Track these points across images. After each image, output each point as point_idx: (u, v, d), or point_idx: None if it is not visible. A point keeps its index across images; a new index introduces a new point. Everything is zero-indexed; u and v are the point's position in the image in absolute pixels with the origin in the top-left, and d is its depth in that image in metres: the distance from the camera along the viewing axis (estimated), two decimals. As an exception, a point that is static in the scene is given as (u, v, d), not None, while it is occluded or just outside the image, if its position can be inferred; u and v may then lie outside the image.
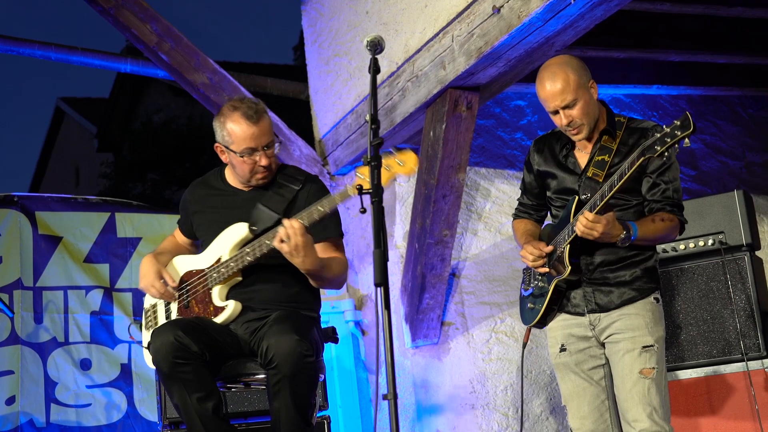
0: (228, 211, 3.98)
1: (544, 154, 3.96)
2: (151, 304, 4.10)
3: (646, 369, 3.66)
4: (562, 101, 3.71)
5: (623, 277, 3.78)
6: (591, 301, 3.80)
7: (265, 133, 3.87)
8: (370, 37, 3.33)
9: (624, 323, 3.74)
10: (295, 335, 3.62)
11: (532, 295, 3.93)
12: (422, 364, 5.67)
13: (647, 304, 3.77)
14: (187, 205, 4.16)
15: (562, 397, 3.90)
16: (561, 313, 3.88)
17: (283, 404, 3.64)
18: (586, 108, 3.73)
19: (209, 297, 3.88)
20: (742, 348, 4.62)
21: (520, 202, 4.16)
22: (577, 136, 3.80)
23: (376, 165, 3.22)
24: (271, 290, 3.88)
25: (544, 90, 3.75)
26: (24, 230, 5.71)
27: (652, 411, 3.64)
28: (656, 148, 3.48)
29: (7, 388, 5.44)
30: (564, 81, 3.70)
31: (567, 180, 3.87)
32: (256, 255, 3.78)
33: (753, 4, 5.48)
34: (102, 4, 5.81)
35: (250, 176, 3.92)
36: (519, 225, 4.11)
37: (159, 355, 3.68)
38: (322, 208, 3.67)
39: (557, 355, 3.88)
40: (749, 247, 4.78)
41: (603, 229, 3.59)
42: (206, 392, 3.71)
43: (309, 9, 6.64)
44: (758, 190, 6.65)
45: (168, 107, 18.36)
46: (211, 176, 4.16)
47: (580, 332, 3.83)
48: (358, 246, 6.15)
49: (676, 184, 3.78)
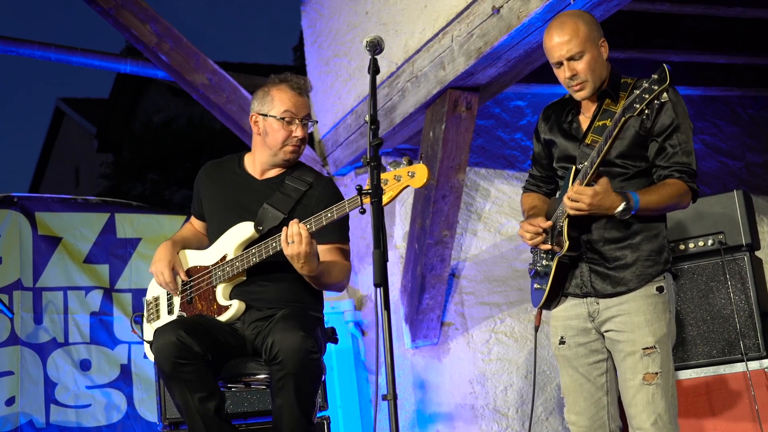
0: (238, 196, 3.96)
1: (550, 122, 3.73)
2: (153, 297, 4.08)
3: (649, 374, 3.46)
4: (567, 51, 3.46)
5: (624, 260, 3.52)
6: (587, 283, 3.57)
7: (307, 106, 3.94)
8: (369, 38, 3.32)
9: (623, 320, 3.51)
10: (301, 331, 3.61)
11: (537, 275, 3.68)
12: (422, 365, 5.67)
13: (648, 297, 3.50)
14: (198, 184, 4.14)
15: (561, 388, 3.77)
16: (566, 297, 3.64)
17: (286, 401, 3.63)
18: (593, 64, 3.48)
19: (213, 295, 3.88)
20: (742, 348, 4.61)
21: (530, 173, 3.90)
22: (580, 93, 3.53)
23: (375, 165, 3.21)
24: (276, 290, 3.88)
25: (551, 39, 3.49)
26: (24, 231, 5.71)
27: (657, 418, 3.47)
28: (635, 106, 3.25)
29: (6, 388, 5.43)
30: (573, 31, 3.46)
31: (569, 147, 3.62)
32: (262, 256, 3.77)
33: (753, 4, 5.48)
34: (102, 5, 5.82)
35: (282, 146, 3.90)
36: (526, 200, 3.85)
37: (161, 355, 3.67)
38: (331, 215, 3.64)
39: (558, 347, 3.69)
40: (749, 248, 4.77)
41: (590, 200, 3.35)
42: (208, 392, 3.70)
43: (309, 10, 6.64)
44: (758, 190, 6.65)
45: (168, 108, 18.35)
46: (227, 160, 4.12)
47: (579, 324, 3.61)
48: (358, 246, 6.15)
49: (686, 147, 3.47)
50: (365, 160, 3.21)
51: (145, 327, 4.09)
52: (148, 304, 4.11)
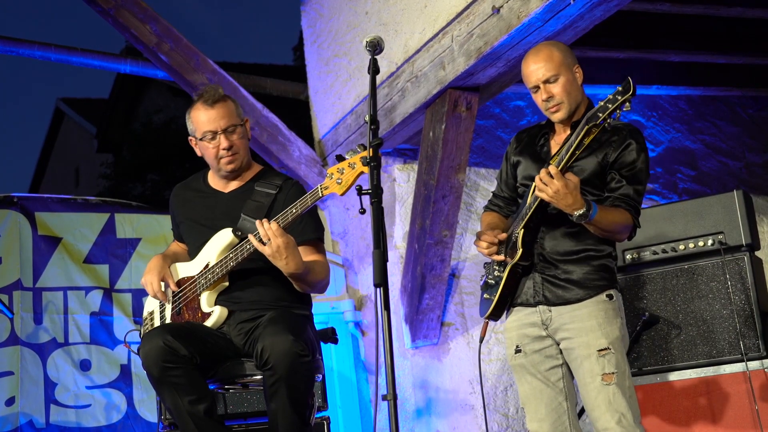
0: (209, 212, 4.01)
1: (522, 144, 3.88)
2: (149, 312, 4.12)
3: (606, 374, 3.57)
4: (543, 75, 3.63)
5: (572, 275, 3.66)
6: (539, 292, 3.69)
7: (224, 116, 3.90)
8: (369, 38, 3.33)
9: (576, 326, 3.63)
10: (290, 335, 3.62)
11: (488, 286, 3.83)
12: (422, 365, 5.67)
13: (599, 303, 3.64)
14: (172, 208, 4.22)
15: (520, 398, 3.83)
16: (515, 307, 3.78)
17: (280, 406, 3.64)
18: (568, 86, 3.64)
19: (198, 303, 3.91)
20: (742, 348, 4.61)
21: (494, 193, 4.06)
22: (556, 115, 3.68)
23: (375, 165, 3.21)
24: (259, 292, 3.90)
25: (527, 65, 3.68)
26: (24, 231, 5.71)
27: (621, 417, 3.55)
28: (599, 115, 3.39)
29: (6, 388, 5.43)
30: (547, 56, 3.65)
31: (533, 168, 3.75)
32: (238, 259, 3.80)
33: (753, 4, 5.48)
34: (102, 5, 5.82)
35: (218, 162, 3.95)
36: (485, 218, 4.00)
37: (149, 359, 3.69)
38: (295, 210, 3.68)
39: (513, 356, 3.79)
40: (749, 248, 4.77)
41: (559, 188, 3.43)
42: (198, 395, 3.72)
43: (309, 10, 6.64)
44: (758, 190, 6.65)
45: (168, 108, 18.34)
46: (193, 179, 4.20)
47: (534, 332, 3.72)
48: (358, 246, 6.15)
49: (639, 188, 3.66)
50: (365, 161, 3.22)
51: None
52: (144, 320, 4.15)
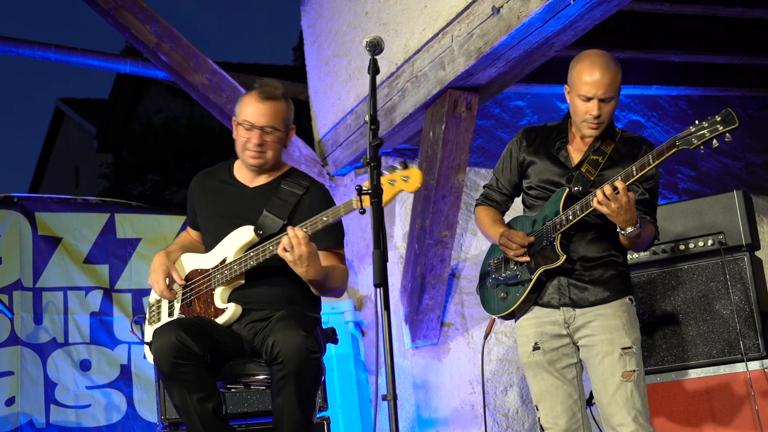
0: (230, 205, 3.98)
1: (535, 144, 3.91)
2: (155, 299, 4.11)
3: (627, 372, 3.64)
4: (604, 93, 3.68)
5: (598, 276, 3.74)
6: (565, 294, 3.75)
7: (268, 115, 3.87)
8: (369, 38, 3.33)
9: (600, 324, 3.70)
10: (301, 331, 3.62)
11: (506, 284, 3.86)
12: (422, 365, 5.67)
13: (623, 304, 3.74)
14: (191, 195, 4.17)
15: (533, 396, 3.85)
16: (534, 307, 3.82)
17: (287, 400, 3.64)
18: (613, 110, 3.75)
19: (211, 298, 3.89)
20: (742, 348, 4.61)
21: (487, 187, 4.07)
22: (593, 132, 3.75)
23: (375, 165, 3.21)
24: (273, 292, 3.89)
25: (593, 75, 3.67)
26: (24, 231, 5.71)
27: (637, 414, 3.61)
28: (693, 140, 3.45)
29: (6, 388, 5.44)
30: (614, 76, 3.69)
31: (553, 172, 3.82)
32: (259, 260, 3.79)
33: (753, 4, 5.48)
34: (102, 5, 5.82)
35: (243, 150, 3.92)
36: (488, 212, 4.02)
37: (160, 355, 3.68)
38: (326, 219, 3.67)
39: (530, 353, 3.82)
40: (749, 248, 4.77)
41: (623, 204, 3.50)
42: (206, 393, 3.71)
43: (308, 10, 6.64)
44: (758, 190, 6.65)
45: (167, 108, 18.34)
46: (218, 168, 4.15)
47: (554, 330, 3.77)
48: (358, 246, 6.15)
49: (656, 202, 3.81)
50: (365, 161, 3.22)
51: (146, 329, 4.10)
52: (150, 306, 4.13)
